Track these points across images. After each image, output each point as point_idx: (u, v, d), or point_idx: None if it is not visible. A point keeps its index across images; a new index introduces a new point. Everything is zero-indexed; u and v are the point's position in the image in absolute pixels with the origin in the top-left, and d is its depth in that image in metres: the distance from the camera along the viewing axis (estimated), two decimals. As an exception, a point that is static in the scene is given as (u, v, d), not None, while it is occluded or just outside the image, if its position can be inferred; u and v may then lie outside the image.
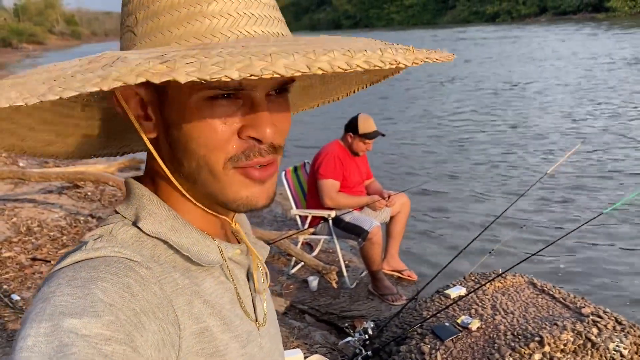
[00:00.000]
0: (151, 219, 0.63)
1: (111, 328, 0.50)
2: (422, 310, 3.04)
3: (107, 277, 0.54)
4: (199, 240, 0.65)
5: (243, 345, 0.67)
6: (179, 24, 0.59)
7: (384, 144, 8.83)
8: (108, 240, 0.60)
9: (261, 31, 0.61)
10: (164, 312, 0.57)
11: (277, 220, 5.44)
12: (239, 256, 0.71)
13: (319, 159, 4.01)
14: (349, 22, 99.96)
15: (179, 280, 0.62)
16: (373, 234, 3.78)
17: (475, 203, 6.05)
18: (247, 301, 0.71)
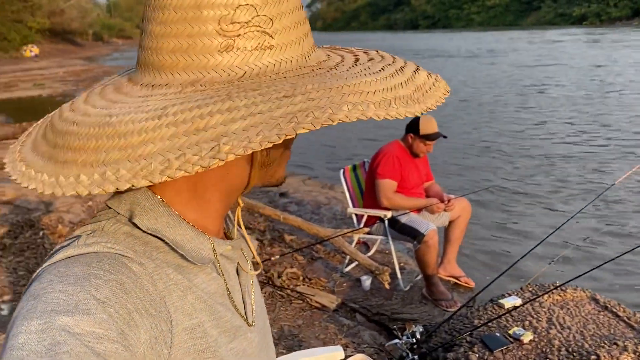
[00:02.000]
0: (146, 215, 0.62)
1: (104, 326, 0.50)
2: (473, 318, 2.95)
3: (99, 274, 0.54)
4: (192, 237, 0.64)
5: (231, 340, 0.67)
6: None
7: (447, 146, 8.65)
8: (101, 236, 0.60)
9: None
10: (157, 309, 0.57)
11: (337, 217, 5.46)
12: (229, 251, 0.71)
13: (378, 158, 3.98)
14: (427, 23, 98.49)
15: (172, 277, 0.61)
16: (429, 237, 3.71)
17: (538, 211, 5.80)
18: (236, 296, 0.72)
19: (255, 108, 0.52)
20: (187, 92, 0.56)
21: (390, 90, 0.58)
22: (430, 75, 0.66)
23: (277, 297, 3.80)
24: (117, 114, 0.56)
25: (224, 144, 0.49)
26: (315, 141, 10.29)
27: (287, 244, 4.67)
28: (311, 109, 0.52)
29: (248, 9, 0.58)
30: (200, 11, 0.57)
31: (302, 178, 7.26)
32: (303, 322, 3.51)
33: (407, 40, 55.97)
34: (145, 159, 0.50)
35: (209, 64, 0.58)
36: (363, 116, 0.53)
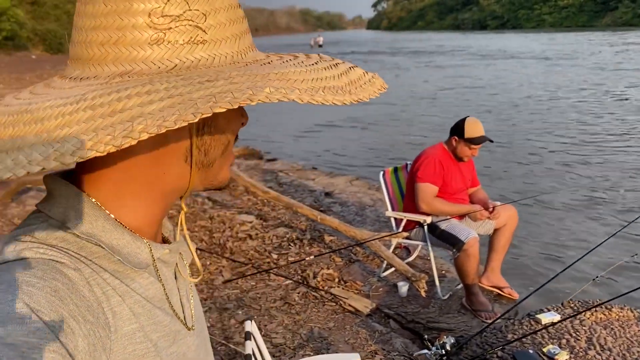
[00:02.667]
0: (81, 219, 0.60)
1: (38, 335, 0.47)
2: (507, 332, 2.81)
3: (32, 281, 0.51)
4: (129, 241, 0.63)
5: (171, 344, 0.66)
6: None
7: (499, 150, 8.37)
8: (33, 241, 0.58)
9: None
10: (94, 315, 0.55)
11: (380, 220, 5.37)
12: (167, 255, 0.69)
13: (419, 161, 3.87)
14: (496, 23, 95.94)
15: (109, 282, 0.60)
16: (469, 245, 3.57)
17: (588, 223, 5.48)
18: (174, 300, 0.70)
19: (175, 91, 0.51)
20: (113, 82, 0.55)
21: (321, 81, 0.57)
22: (366, 73, 0.65)
23: (311, 297, 3.77)
24: (37, 101, 0.55)
25: (138, 123, 0.47)
26: (363, 142, 10.22)
27: (326, 244, 4.63)
28: (231, 90, 0.51)
29: (179, 3, 0.57)
30: (131, 4, 0.56)
31: (348, 178, 7.21)
32: (334, 325, 3.47)
33: (475, 40, 54.66)
34: (60, 142, 0.49)
35: (138, 57, 0.57)
36: (285, 98, 0.52)
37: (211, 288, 3.88)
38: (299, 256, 4.34)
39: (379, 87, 0.64)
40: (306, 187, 6.73)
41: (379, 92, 0.63)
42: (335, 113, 13.41)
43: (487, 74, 20.95)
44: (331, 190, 6.51)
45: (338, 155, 9.18)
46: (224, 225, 5.10)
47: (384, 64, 29.34)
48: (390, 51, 42.39)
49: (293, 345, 3.21)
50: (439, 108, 13.22)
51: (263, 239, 4.76)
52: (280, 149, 9.61)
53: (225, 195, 6.21)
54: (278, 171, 7.57)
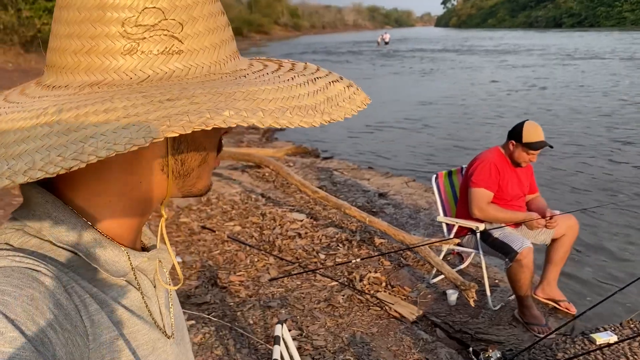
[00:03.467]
0: (57, 227, 0.60)
1: (15, 345, 0.46)
2: (558, 350, 2.67)
3: (7, 290, 0.50)
4: (107, 249, 0.62)
5: (150, 352, 0.66)
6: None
7: (561, 156, 7.98)
8: (7, 249, 0.57)
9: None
10: (72, 323, 0.55)
11: (434, 224, 5.22)
12: (145, 263, 0.68)
13: (474, 165, 3.73)
14: (572, 21, 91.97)
15: (87, 289, 0.59)
16: (522, 255, 3.40)
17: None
18: (153, 309, 0.69)
19: (133, 110, 0.50)
20: (82, 93, 0.55)
21: (293, 99, 0.55)
22: (348, 88, 0.62)
23: (355, 300, 3.71)
24: (3, 112, 0.55)
25: (89, 145, 0.47)
26: (423, 143, 10.01)
27: (375, 247, 4.56)
28: (189, 112, 0.49)
29: (155, 12, 0.56)
30: (104, 12, 0.55)
31: (405, 179, 7.07)
32: (378, 330, 3.40)
33: (553, 39, 52.55)
34: (14, 158, 0.48)
35: (111, 66, 0.56)
36: (244, 122, 0.50)
37: (257, 285, 3.90)
38: (347, 257, 4.30)
39: (359, 103, 0.61)
40: (360, 187, 6.66)
41: (359, 109, 0.60)
42: (395, 113, 13.25)
43: (566, 75, 19.99)
44: (386, 191, 6.41)
45: (395, 156, 9.04)
46: (275, 222, 5.13)
47: (454, 63, 28.62)
48: (461, 49, 41.35)
49: (334, 348, 3.17)
50: (509, 110, 12.76)
51: (312, 238, 4.74)
52: (335, 148, 9.58)
53: (278, 193, 6.24)
54: (333, 170, 7.54)
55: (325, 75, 0.64)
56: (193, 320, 3.37)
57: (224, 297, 3.74)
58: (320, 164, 8.01)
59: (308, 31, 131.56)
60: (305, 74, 0.63)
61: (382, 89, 18.06)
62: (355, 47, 50.28)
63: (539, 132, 3.58)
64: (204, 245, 4.63)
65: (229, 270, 4.14)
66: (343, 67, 27.23)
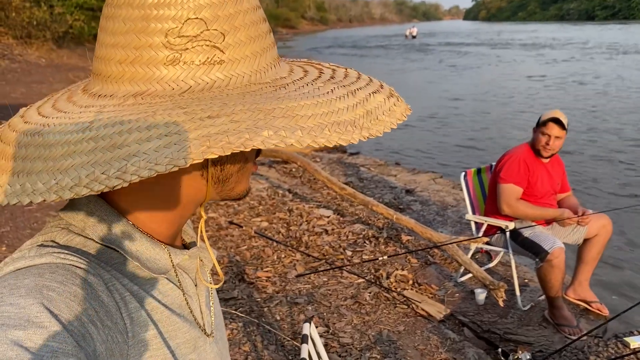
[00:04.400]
0: (100, 226, 0.62)
1: (58, 339, 0.48)
2: (590, 353, 2.61)
3: (52, 285, 0.52)
4: (148, 247, 0.64)
5: (190, 351, 0.67)
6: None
7: (595, 156, 7.80)
8: (53, 247, 0.59)
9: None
10: (112, 320, 0.56)
11: (462, 222, 5.17)
12: (186, 261, 0.70)
13: (503, 161, 3.67)
14: (605, 14, 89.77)
15: (128, 287, 0.61)
16: (553, 256, 3.33)
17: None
18: (194, 307, 0.71)
19: (174, 128, 0.51)
20: (126, 104, 0.57)
21: (331, 115, 0.55)
22: (389, 98, 0.63)
23: (382, 298, 3.70)
24: (52, 123, 0.57)
25: (132, 164, 0.48)
26: (451, 139, 9.90)
27: (402, 244, 4.53)
28: (228, 132, 0.50)
29: (197, 23, 0.57)
30: (148, 23, 0.57)
31: (432, 176, 7.00)
32: (404, 328, 3.38)
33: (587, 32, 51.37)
34: (62, 173, 0.50)
35: (154, 77, 0.58)
36: (282, 143, 0.51)
37: (284, 281, 3.91)
38: (374, 254, 4.28)
39: (399, 115, 0.61)
40: (387, 183, 6.62)
41: (399, 122, 0.60)
42: (424, 109, 13.13)
43: (606, 70, 19.46)
44: (413, 187, 6.36)
45: (422, 152, 8.96)
46: (302, 218, 5.13)
47: (489, 57, 28.05)
48: (495, 43, 40.59)
49: (360, 346, 3.16)
50: (544, 106, 12.51)
51: (339, 234, 4.74)
52: (362, 144, 9.53)
53: (305, 189, 6.25)
54: (360, 166, 7.51)
55: (365, 85, 0.63)
56: (221, 316, 3.40)
57: (251, 292, 3.76)
58: (347, 159, 7.99)
59: (335, 25, 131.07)
60: (346, 84, 0.62)
61: (412, 84, 17.92)
62: (384, 41, 49.90)
63: (554, 112, 3.50)
64: (232, 241, 4.67)
65: (256, 266, 4.17)
66: (373, 63, 27.05)
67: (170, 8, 0.56)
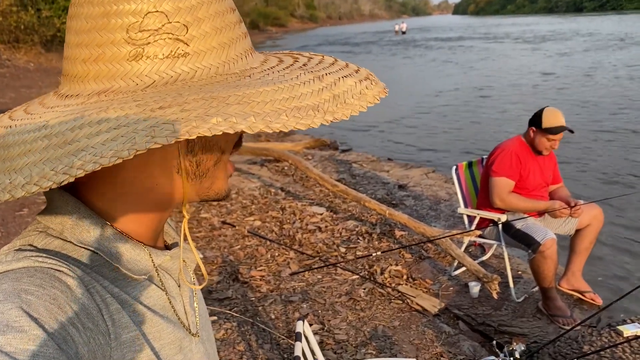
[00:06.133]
0: (78, 228, 0.61)
1: (38, 343, 0.47)
2: (584, 342, 2.62)
3: (31, 289, 0.52)
4: (128, 249, 0.63)
5: (176, 352, 0.67)
6: None
7: (582, 144, 7.83)
8: (31, 250, 0.58)
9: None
10: (94, 322, 0.56)
11: (454, 216, 5.18)
12: (168, 262, 0.69)
13: (495, 154, 3.67)
14: (593, 5, 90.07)
15: (109, 289, 0.60)
16: (545, 247, 3.34)
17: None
18: (178, 308, 0.70)
19: (124, 120, 0.50)
20: (89, 102, 0.56)
21: (292, 100, 0.53)
22: (363, 81, 0.60)
23: (377, 294, 3.70)
24: (15, 125, 0.56)
25: (79, 159, 0.47)
26: (443, 133, 9.91)
27: (396, 239, 4.53)
28: (174, 122, 0.49)
29: (158, 16, 0.56)
30: (109, 20, 0.56)
31: (424, 170, 7.01)
32: (400, 323, 3.38)
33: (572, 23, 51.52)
34: (16, 172, 0.50)
35: (118, 73, 0.57)
36: (231, 129, 0.49)
37: (278, 280, 3.90)
38: (367, 251, 4.28)
39: (371, 98, 0.58)
40: (379, 179, 6.62)
41: (369, 104, 0.57)
42: (415, 104, 13.14)
43: (605, 61, 19.51)
44: (405, 182, 6.36)
45: (414, 147, 8.97)
46: (295, 216, 5.13)
47: (482, 52, 28.17)
48: (487, 37, 40.62)
49: (355, 342, 3.16)
50: (537, 99, 12.56)
51: (332, 231, 4.73)
52: (354, 140, 9.54)
53: (297, 186, 6.24)
54: (352, 162, 7.51)
55: (338, 70, 0.61)
56: (215, 316, 3.39)
57: (245, 292, 3.75)
58: (339, 156, 7.98)
59: (325, 22, 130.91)
60: (315, 69, 0.60)
61: (402, 80, 17.93)
62: (373, 38, 49.88)
63: (559, 117, 3.52)
64: (225, 241, 4.66)
65: (249, 265, 4.16)
66: (363, 60, 27.05)
67: (130, 3, 0.55)
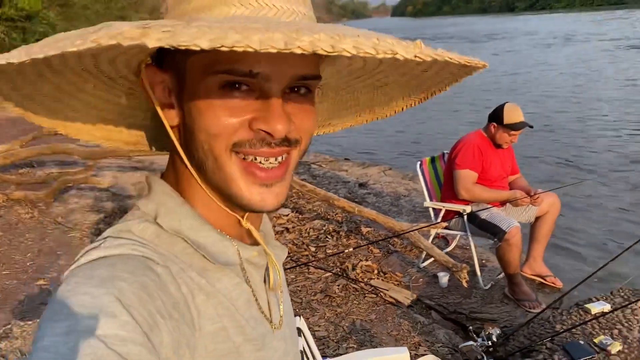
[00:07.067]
0: (170, 216, 0.63)
1: (127, 329, 0.50)
2: (555, 322, 2.77)
3: (124, 276, 0.54)
4: (216, 240, 0.64)
5: (258, 349, 0.66)
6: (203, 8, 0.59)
7: (535, 136, 8.20)
8: (127, 237, 0.60)
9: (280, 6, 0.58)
10: (180, 312, 0.57)
11: (416, 210, 5.32)
12: (256, 258, 0.69)
13: (457, 148, 3.81)
14: (524, 4, 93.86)
15: (196, 280, 0.62)
16: (511, 235, 3.50)
17: (636, 207, 5.35)
18: (263, 303, 0.71)
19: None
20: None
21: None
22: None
23: (351, 289, 3.77)
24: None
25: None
26: (394, 132, 10.12)
27: (363, 236, 4.62)
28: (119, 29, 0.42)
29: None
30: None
31: (382, 168, 7.16)
32: (376, 317, 3.46)
33: (499, 24, 53.45)
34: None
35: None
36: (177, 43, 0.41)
37: (251, 282, 3.90)
38: (337, 248, 4.34)
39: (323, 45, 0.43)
40: (340, 178, 6.71)
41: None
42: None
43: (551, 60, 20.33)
44: (365, 180, 6.48)
45: (368, 146, 9.12)
46: (261, 218, 5.13)
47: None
48: (431, 39, 41.50)
49: (336, 338, 3.21)
50: (481, 97, 12.99)
51: (300, 232, 4.77)
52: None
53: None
54: (311, 163, 7.57)
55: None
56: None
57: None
58: (297, 158, 8.01)
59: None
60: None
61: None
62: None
63: (519, 113, 3.69)
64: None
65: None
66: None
67: None
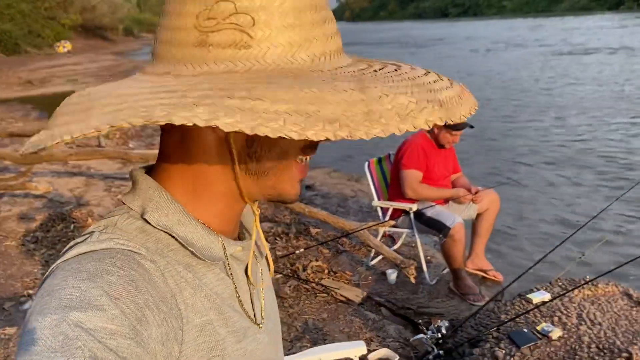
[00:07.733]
0: (158, 212, 0.63)
1: (116, 322, 0.51)
2: (500, 313, 2.90)
3: (112, 270, 0.55)
4: (203, 235, 0.65)
5: (239, 340, 0.67)
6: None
7: (475, 136, 8.53)
8: (113, 232, 0.61)
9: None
10: (168, 305, 0.58)
11: (363, 210, 5.42)
12: (239, 253, 0.71)
13: (402, 149, 3.93)
14: (457, 11, 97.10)
15: (183, 274, 0.63)
16: (455, 230, 3.64)
17: (569, 202, 5.68)
18: (245, 297, 0.72)
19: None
20: (156, 80, 0.58)
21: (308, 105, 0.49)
22: (418, 103, 0.56)
23: (302, 290, 3.80)
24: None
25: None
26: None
27: (312, 237, 4.66)
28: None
29: (227, 6, 0.56)
30: (182, 6, 0.58)
31: (327, 170, 7.23)
32: (328, 315, 3.50)
33: (437, 29, 55.10)
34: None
35: (184, 57, 0.58)
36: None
37: (201, 286, 3.86)
38: (287, 250, 4.36)
39: (422, 123, 0.56)
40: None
41: (413, 129, 0.55)
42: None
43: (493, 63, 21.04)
44: (311, 182, 6.52)
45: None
46: (208, 222, 5.08)
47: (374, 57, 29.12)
48: (376, 43, 41.89)
49: (290, 337, 3.23)
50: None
51: (248, 234, 4.75)
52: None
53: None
54: (256, 166, 7.55)
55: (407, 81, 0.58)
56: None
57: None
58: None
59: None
60: (381, 77, 0.58)
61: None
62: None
63: None
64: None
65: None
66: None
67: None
